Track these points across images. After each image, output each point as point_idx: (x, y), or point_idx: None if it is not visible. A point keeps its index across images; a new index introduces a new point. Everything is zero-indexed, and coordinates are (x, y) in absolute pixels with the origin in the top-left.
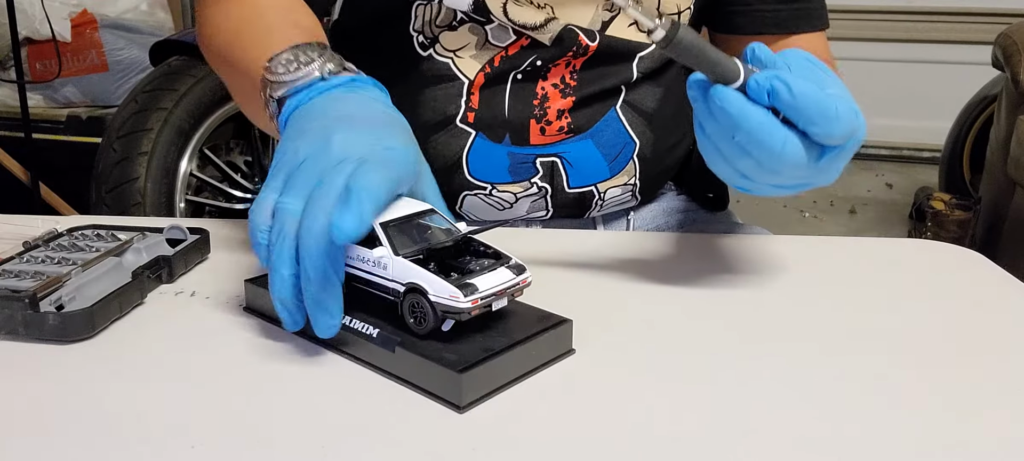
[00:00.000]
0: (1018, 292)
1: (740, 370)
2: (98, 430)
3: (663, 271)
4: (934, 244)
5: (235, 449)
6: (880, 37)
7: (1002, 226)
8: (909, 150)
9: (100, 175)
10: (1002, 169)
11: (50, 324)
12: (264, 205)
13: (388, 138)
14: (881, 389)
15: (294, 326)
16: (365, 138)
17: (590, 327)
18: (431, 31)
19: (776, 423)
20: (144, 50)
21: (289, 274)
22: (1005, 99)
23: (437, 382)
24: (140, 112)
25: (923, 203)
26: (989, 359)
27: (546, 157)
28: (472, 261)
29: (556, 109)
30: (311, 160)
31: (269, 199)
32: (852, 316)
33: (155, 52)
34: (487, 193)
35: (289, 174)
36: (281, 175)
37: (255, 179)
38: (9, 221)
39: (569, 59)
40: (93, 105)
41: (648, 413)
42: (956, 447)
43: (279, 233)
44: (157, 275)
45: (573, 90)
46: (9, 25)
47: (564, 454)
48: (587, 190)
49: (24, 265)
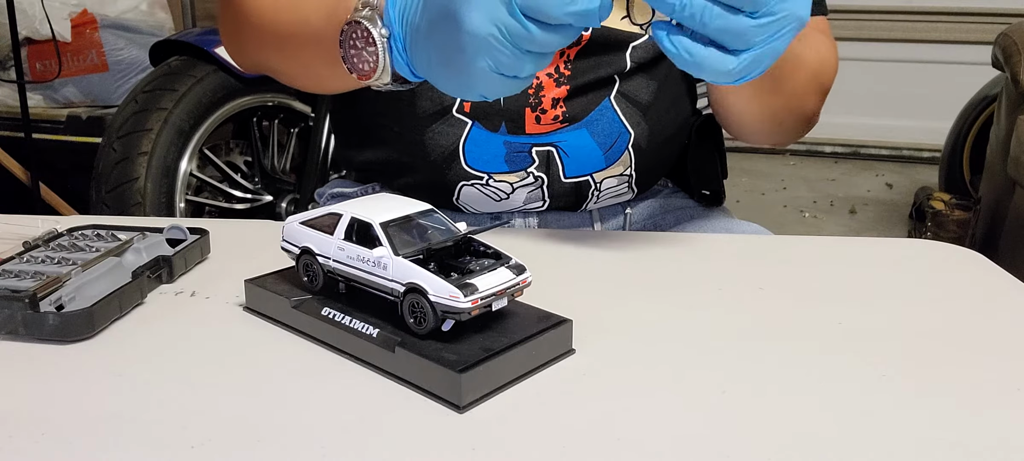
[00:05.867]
0: (1018, 292)
1: (740, 370)
2: (98, 430)
3: (663, 271)
4: (934, 244)
5: (235, 449)
6: (880, 37)
7: (1002, 226)
8: (909, 150)
9: (100, 175)
10: (1002, 169)
11: (50, 324)
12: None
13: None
14: (881, 389)
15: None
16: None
17: (590, 327)
18: None
19: (776, 423)
20: (144, 50)
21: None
22: (1005, 99)
23: (437, 382)
24: (140, 112)
25: (923, 203)
26: (989, 359)
27: (542, 146)
28: (472, 261)
29: (551, 98)
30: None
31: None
32: (852, 316)
33: (155, 52)
34: (484, 183)
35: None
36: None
37: (255, 179)
38: (9, 221)
39: (563, 48)
40: (93, 105)
41: (648, 413)
42: (956, 447)
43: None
44: (157, 275)
45: (567, 79)
46: (9, 25)
47: (564, 454)
48: (583, 180)
49: (24, 265)
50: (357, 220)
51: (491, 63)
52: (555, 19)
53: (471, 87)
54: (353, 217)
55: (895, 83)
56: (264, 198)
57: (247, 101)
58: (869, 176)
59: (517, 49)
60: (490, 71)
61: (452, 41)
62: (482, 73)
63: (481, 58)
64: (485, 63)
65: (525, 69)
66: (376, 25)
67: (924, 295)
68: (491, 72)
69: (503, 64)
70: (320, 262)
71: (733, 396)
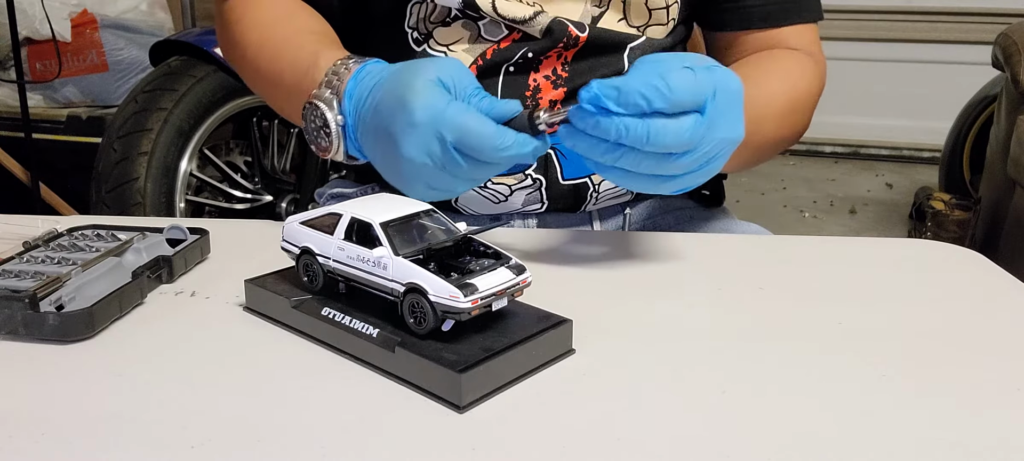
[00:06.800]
0: (1018, 292)
1: (740, 370)
2: (98, 430)
3: (663, 271)
4: (934, 244)
5: (235, 449)
6: (880, 37)
7: (1002, 226)
8: (909, 150)
9: (100, 175)
10: (1002, 169)
11: (50, 324)
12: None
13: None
14: (881, 389)
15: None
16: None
17: (590, 327)
18: (425, 27)
19: (776, 422)
20: (144, 50)
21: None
22: (1005, 99)
23: (437, 382)
24: (140, 112)
25: (923, 203)
26: (989, 359)
27: None
28: (472, 261)
29: (548, 100)
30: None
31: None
32: (852, 316)
33: (155, 52)
34: (482, 186)
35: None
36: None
37: (255, 179)
38: (9, 221)
39: (560, 51)
40: (93, 105)
41: (648, 413)
42: (956, 447)
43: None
44: (157, 275)
45: (565, 81)
46: (9, 25)
47: (564, 454)
48: (581, 182)
49: (24, 265)
50: (357, 220)
51: (424, 183)
52: (487, 159)
53: (408, 193)
54: (353, 217)
55: (895, 83)
56: (264, 198)
57: (247, 101)
58: (869, 176)
59: (449, 176)
60: (424, 188)
61: (391, 155)
62: (415, 189)
63: (415, 179)
64: (420, 182)
65: (458, 188)
66: (333, 110)
67: (924, 295)
68: (425, 188)
69: (435, 185)
70: (320, 262)
71: (733, 396)
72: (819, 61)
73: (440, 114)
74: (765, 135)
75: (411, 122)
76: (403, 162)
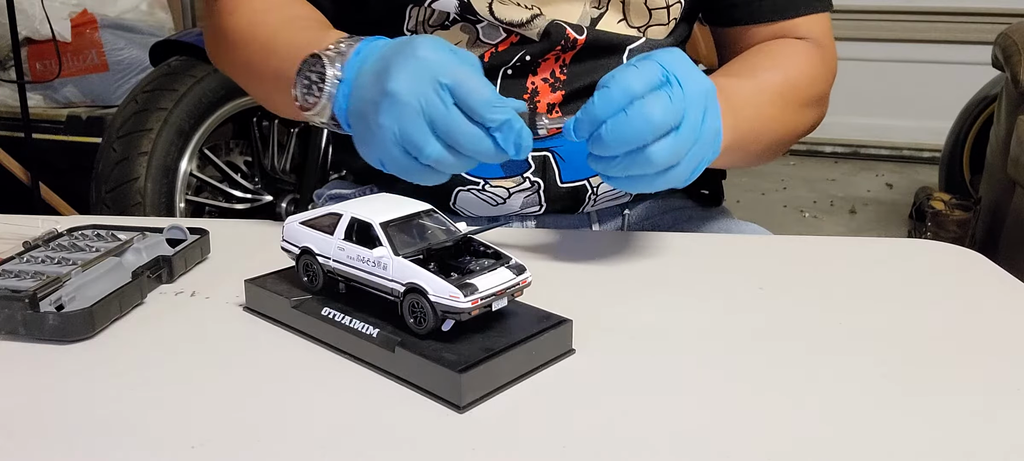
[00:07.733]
0: (1018, 292)
1: (740, 370)
2: (98, 430)
3: (663, 271)
4: (934, 244)
5: (235, 449)
6: (880, 37)
7: (1002, 226)
8: (909, 150)
9: (100, 175)
10: (1002, 169)
11: (50, 324)
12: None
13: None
14: (881, 389)
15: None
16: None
17: (590, 327)
18: (423, 31)
19: (776, 423)
20: (144, 50)
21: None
22: (1005, 99)
23: (437, 382)
24: (140, 112)
25: (923, 203)
26: (989, 359)
27: (538, 151)
28: (472, 261)
29: (546, 103)
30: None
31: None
32: (852, 316)
33: (155, 52)
34: (480, 188)
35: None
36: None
37: (255, 179)
38: (9, 221)
39: (558, 53)
40: (93, 105)
41: (648, 413)
42: (956, 447)
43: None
44: (157, 275)
45: (563, 84)
46: (9, 25)
47: (564, 454)
48: (580, 184)
49: (24, 265)
50: (357, 220)
51: (396, 130)
52: (477, 116)
53: (371, 145)
54: (353, 217)
55: (895, 83)
56: (264, 198)
57: (247, 101)
58: (869, 176)
59: (426, 126)
60: (392, 139)
61: (372, 95)
62: (384, 133)
63: (388, 118)
64: (390, 124)
65: (424, 151)
66: (334, 67)
67: (924, 295)
68: (393, 140)
69: (407, 135)
70: (320, 262)
71: (733, 396)
72: (828, 50)
73: (445, 58)
74: (756, 128)
75: (413, 54)
76: (385, 97)
